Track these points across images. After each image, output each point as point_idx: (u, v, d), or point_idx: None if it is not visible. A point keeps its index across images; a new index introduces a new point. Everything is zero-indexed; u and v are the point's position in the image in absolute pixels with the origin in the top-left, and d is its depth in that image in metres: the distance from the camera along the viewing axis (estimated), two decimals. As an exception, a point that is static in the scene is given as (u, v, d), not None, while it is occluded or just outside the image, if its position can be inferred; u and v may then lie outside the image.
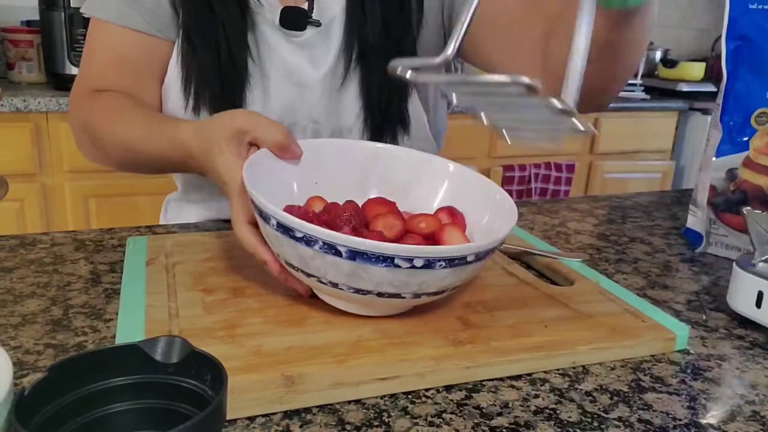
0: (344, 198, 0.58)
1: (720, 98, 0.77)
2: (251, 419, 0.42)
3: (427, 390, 0.46)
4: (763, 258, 0.58)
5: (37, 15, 1.91)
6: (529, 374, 0.49)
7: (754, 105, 0.74)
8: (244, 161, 0.54)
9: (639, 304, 0.58)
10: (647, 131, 2.67)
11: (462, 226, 0.58)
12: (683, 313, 0.61)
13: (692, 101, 2.69)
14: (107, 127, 0.74)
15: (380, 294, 0.48)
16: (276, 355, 0.46)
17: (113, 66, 0.77)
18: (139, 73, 0.77)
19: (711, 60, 2.95)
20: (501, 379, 0.48)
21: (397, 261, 0.45)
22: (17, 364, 0.46)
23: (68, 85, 1.83)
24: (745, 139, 0.75)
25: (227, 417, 0.37)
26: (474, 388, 0.47)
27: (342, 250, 0.45)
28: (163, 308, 0.52)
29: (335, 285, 0.48)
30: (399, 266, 0.45)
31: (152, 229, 0.76)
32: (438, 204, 0.62)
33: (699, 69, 2.80)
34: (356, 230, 0.54)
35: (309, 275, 0.49)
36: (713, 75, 2.83)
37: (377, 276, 0.46)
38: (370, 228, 0.55)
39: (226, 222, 0.58)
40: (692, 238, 0.81)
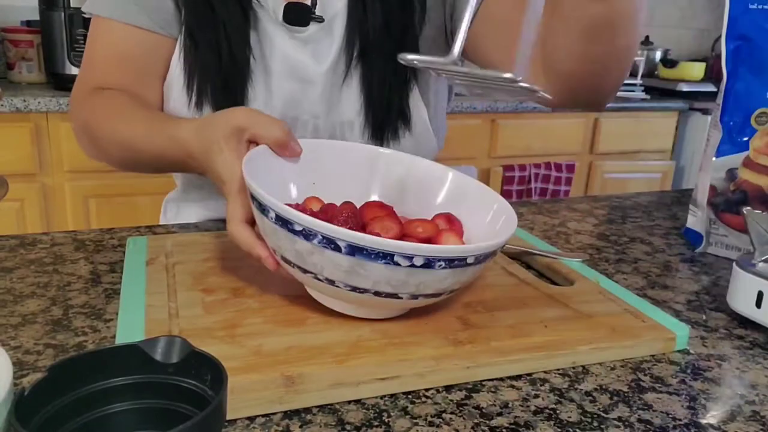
0: (342, 200, 0.58)
1: (720, 98, 0.77)
2: (251, 419, 0.42)
3: (427, 390, 0.46)
4: (763, 258, 0.58)
5: (37, 15, 1.91)
6: (529, 374, 0.49)
7: (754, 105, 0.74)
8: None
9: (639, 304, 0.59)
10: (647, 131, 2.67)
11: (459, 233, 0.58)
12: (683, 313, 0.61)
13: (692, 101, 2.69)
14: (107, 126, 0.74)
15: (377, 293, 0.47)
16: (276, 355, 0.46)
17: (115, 63, 0.77)
18: (141, 71, 0.77)
19: (711, 60, 2.95)
20: (501, 379, 0.48)
21: (397, 258, 0.45)
22: (17, 364, 0.46)
23: (68, 85, 1.85)
24: (745, 139, 0.75)
25: (227, 417, 0.37)
26: (474, 388, 0.47)
27: (341, 245, 0.45)
28: (163, 308, 0.52)
29: (332, 282, 0.48)
30: (398, 264, 0.45)
31: (152, 229, 0.76)
32: (436, 210, 0.61)
33: (699, 69, 2.80)
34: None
35: (305, 271, 0.49)
36: (713, 75, 2.83)
37: (375, 273, 0.46)
38: (367, 230, 0.54)
39: (226, 221, 0.58)
40: (692, 238, 0.81)
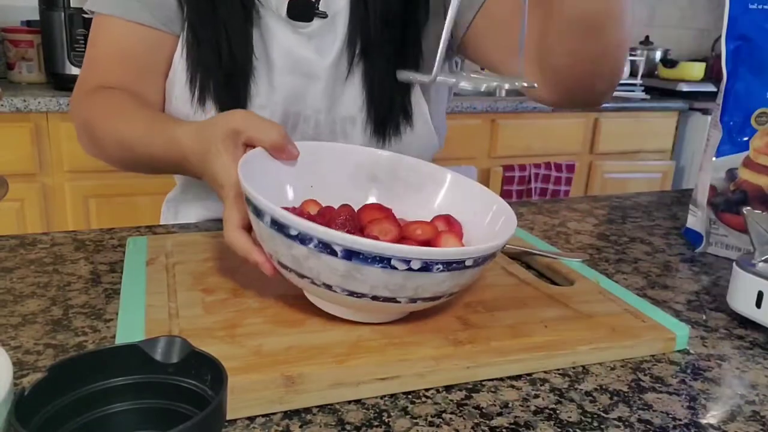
0: (340, 202, 0.58)
1: (720, 98, 0.77)
2: (251, 419, 0.42)
3: (427, 390, 0.46)
4: (763, 258, 0.58)
5: (37, 15, 1.91)
6: (529, 374, 0.49)
7: (754, 105, 0.74)
8: None
9: (639, 304, 0.59)
10: (647, 131, 2.67)
11: (459, 235, 0.57)
12: (683, 313, 0.61)
13: (692, 101, 2.69)
14: (106, 124, 0.74)
15: (375, 297, 0.47)
16: (276, 355, 0.46)
17: (117, 61, 0.77)
18: (144, 68, 0.77)
19: (711, 60, 2.95)
20: (501, 379, 0.48)
21: (394, 262, 0.44)
22: (17, 364, 0.46)
23: (68, 85, 1.86)
24: (745, 139, 0.75)
25: (227, 417, 0.37)
26: (474, 388, 0.47)
27: (337, 249, 0.44)
28: (163, 308, 0.52)
29: (329, 287, 0.47)
30: (395, 268, 0.44)
31: (152, 229, 0.76)
32: (435, 212, 0.61)
33: (699, 69, 2.80)
34: (351, 234, 0.53)
35: (302, 276, 0.48)
36: (713, 75, 2.83)
37: (373, 278, 0.45)
38: (365, 233, 0.54)
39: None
40: (692, 238, 0.81)
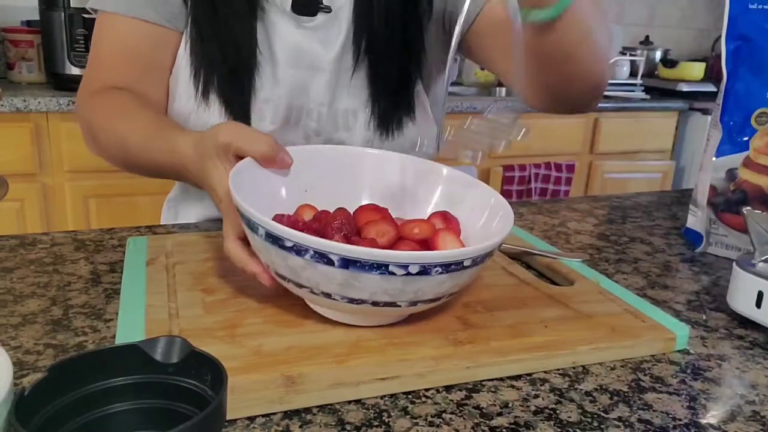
0: (335, 206, 0.57)
1: (720, 98, 0.77)
2: (251, 419, 0.42)
3: (427, 390, 0.46)
4: (763, 258, 0.58)
5: (37, 15, 1.91)
6: (529, 374, 0.49)
7: (754, 105, 0.74)
8: None
9: (639, 304, 0.59)
10: (647, 131, 2.67)
11: (456, 231, 0.57)
12: (683, 313, 0.61)
13: (692, 101, 2.69)
14: (108, 126, 0.74)
15: (375, 303, 0.47)
16: (276, 355, 0.46)
17: (121, 60, 0.77)
18: (148, 66, 0.77)
19: (711, 60, 2.95)
20: (501, 379, 0.48)
21: (392, 268, 0.44)
22: (17, 364, 0.46)
23: (68, 85, 1.86)
24: (745, 139, 0.75)
25: (227, 417, 0.37)
26: (474, 388, 0.47)
27: (334, 259, 0.44)
28: (163, 308, 0.52)
29: (328, 295, 0.47)
30: (394, 273, 0.44)
31: (152, 229, 0.76)
32: (431, 209, 0.61)
33: (699, 69, 2.80)
34: (348, 238, 0.53)
35: (300, 286, 0.48)
36: (713, 75, 2.83)
37: (371, 284, 0.45)
38: (362, 235, 0.54)
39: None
40: (692, 238, 0.81)
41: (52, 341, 0.50)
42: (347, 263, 0.44)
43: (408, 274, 0.45)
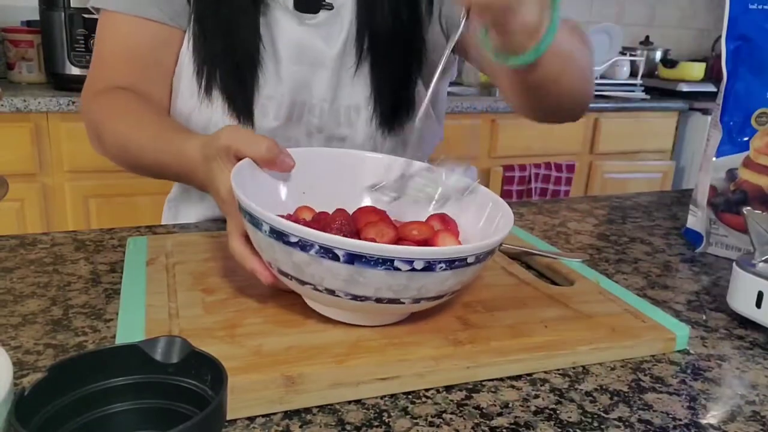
0: (333, 207, 0.57)
1: (720, 98, 0.77)
2: (251, 419, 0.42)
3: (427, 390, 0.46)
4: (763, 258, 0.58)
5: (37, 15, 1.91)
6: (529, 374, 0.49)
7: (754, 105, 0.74)
8: None
9: (639, 304, 0.59)
10: (647, 131, 2.67)
11: (455, 233, 0.57)
12: (683, 313, 0.61)
13: (692, 101, 2.69)
14: (112, 128, 0.74)
15: (379, 300, 0.47)
16: (276, 355, 0.46)
17: (124, 59, 0.77)
18: (151, 65, 0.77)
19: (711, 60, 2.95)
20: (501, 379, 0.48)
21: (397, 263, 0.44)
22: (17, 364, 0.46)
23: (68, 85, 1.86)
24: (745, 139, 0.75)
25: (227, 417, 0.37)
26: (474, 389, 0.47)
27: (339, 254, 0.44)
28: (163, 308, 0.52)
29: (332, 292, 0.47)
30: (398, 269, 0.44)
31: (152, 229, 0.76)
32: (430, 211, 0.61)
33: (699, 69, 2.80)
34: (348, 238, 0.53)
35: (303, 283, 0.48)
36: (713, 75, 2.83)
37: (376, 280, 0.45)
38: (362, 236, 0.54)
39: (226, 221, 0.58)
40: (692, 238, 0.81)
41: (52, 341, 0.50)
42: (352, 258, 0.44)
43: (413, 270, 0.45)
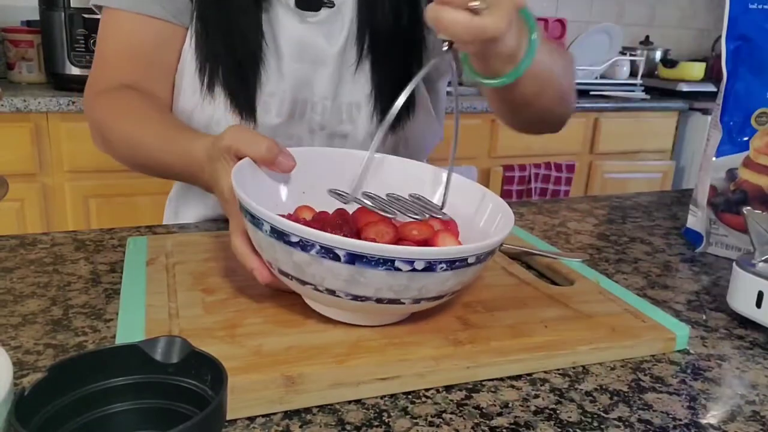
0: (333, 207, 0.57)
1: (720, 98, 0.77)
2: (251, 419, 0.42)
3: (427, 390, 0.46)
4: (763, 258, 0.58)
5: (37, 15, 1.91)
6: (529, 374, 0.49)
7: (754, 105, 0.74)
8: None
9: (639, 304, 0.59)
10: (647, 131, 2.67)
11: (455, 233, 0.57)
12: (683, 313, 0.61)
13: (692, 101, 2.69)
14: (117, 126, 0.74)
15: (379, 300, 0.47)
16: (276, 355, 0.46)
17: (127, 57, 0.77)
18: (154, 63, 0.77)
19: (711, 60, 2.95)
20: (501, 379, 0.48)
21: (398, 263, 0.44)
22: (17, 364, 0.46)
23: (68, 85, 1.86)
24: (745, 139, 0.75)
25: (227, 417, 0.37)
26: (474, 388, 0.47)
27: (340, 254, 0.44)
28: (163, 308, 0.52)
29: (332, 292, 0.47)
30: (399, 269, 0.44)
31: (152, 229, 0.76)
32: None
33: (699, 69, 2.80)
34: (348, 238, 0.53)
35: (304, 283, 0.48)
36: (713, 75, 2.83)
37: (377, 280, 0.45)
38: (362, 236, 0.54)
39: (227, 221, 0.58)
40: (692, 238, 0.81)
41: (52, 341, 0.50)
42: (354, 258, 0.44)
43: (413, 270, 0.45)
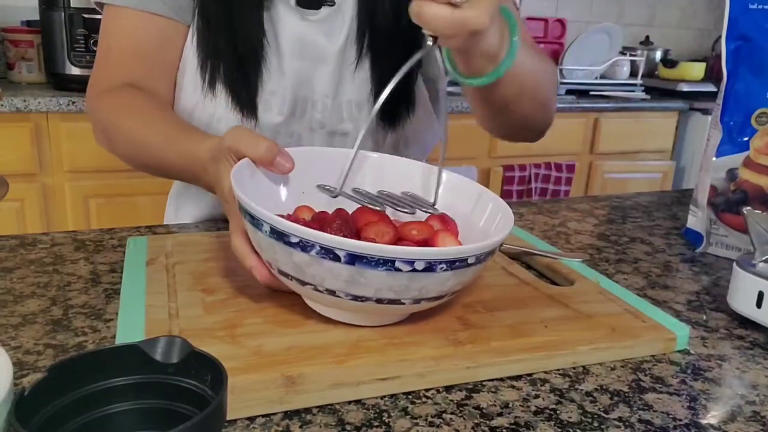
0: (333, 207, 0.57)
1: (720, 98, 0.77)
2: (251, 419, 0.42)
3: (427, 390, 0.46)
4: (763, 258, 0.58)
5: (37, 15, 1.91)
6: (529, 374, 0.49)
7: (754, 105, 0.74)
8: None
9: (639, 304, 0.58)
10: (647, 131, 2.67)
11: (455, 233, 0.57)
12: (683, 313, 0.61)
13: (692, 101, 2.69)
14: (120, 125, 0.74)
15: (379, 300, 0.47)
16: (276, 355, 0.46)
17: (129, 55, 0.77)
18: (156, 61, 0.77)
19: (711, 60, 2.95)
20: (501, 380, 0.48)
21: (398, 264, 0.44)
22: (17, 364, 0.46)
23: (68, 85, 1.86)
24: (746, 139, 0.75)
25: (227, 417, 0.37)
26: (474, 389, 0.47)
27: (340, 254, 0.44)
28: (163, 308, 0.52)
29: (332, 293, 0.47)
30: (400, 270, 0.44)
31: (152, 229, 0.76)
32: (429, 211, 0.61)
33: (699, 69, 2.80)
34: (348, 238, 0.53)
35: (304, 283, 0.48)
36: (713, 75, 2.83)
37: (377, 281, 0.45)
38: (362, 236, 0.54)
39: (227, 221, 0.58)
40: (692, 238, 0.81)
41: (52, 341, 0.50)
42: (354, 259, 0.44)
43: (413, 271, 0.45)
